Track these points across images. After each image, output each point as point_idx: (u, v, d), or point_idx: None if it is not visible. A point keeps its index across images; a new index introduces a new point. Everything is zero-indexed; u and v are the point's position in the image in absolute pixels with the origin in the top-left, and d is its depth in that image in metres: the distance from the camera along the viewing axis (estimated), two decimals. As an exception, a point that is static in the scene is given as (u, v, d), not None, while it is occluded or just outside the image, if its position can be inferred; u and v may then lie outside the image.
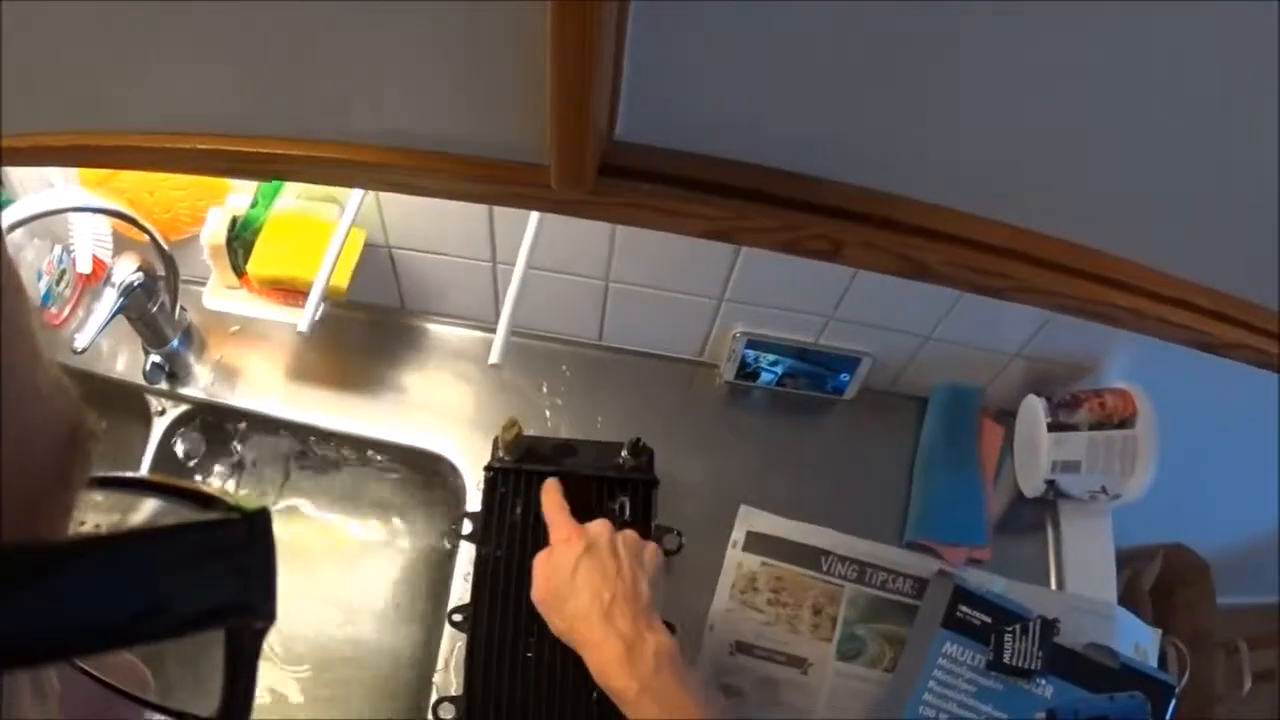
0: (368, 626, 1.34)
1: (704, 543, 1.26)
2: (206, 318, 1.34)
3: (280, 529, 0.38)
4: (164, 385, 1.32)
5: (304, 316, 1.09)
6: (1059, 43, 0.53)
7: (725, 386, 1.39)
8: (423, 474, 1.38)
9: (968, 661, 1.15)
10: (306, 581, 1.36)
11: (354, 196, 1.12)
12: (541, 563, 1.10)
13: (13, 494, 0.28)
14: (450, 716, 1.14)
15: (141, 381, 1.32)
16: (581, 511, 1.17)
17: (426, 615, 1.33)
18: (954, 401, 1.36)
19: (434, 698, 1.15)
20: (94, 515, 0.36)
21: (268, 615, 0.33)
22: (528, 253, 1.06)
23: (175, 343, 1.28)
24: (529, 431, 1.27)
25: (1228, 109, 0.56)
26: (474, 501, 1.26)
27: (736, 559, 1.26)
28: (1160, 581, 1.61)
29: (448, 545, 1.33)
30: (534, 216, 1.08)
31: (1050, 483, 1.25)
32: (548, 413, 1.36)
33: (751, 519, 1.28)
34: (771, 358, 1.34)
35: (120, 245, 1.29)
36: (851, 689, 1.20)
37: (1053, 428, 1.25)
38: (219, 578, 0.32)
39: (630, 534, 1.10)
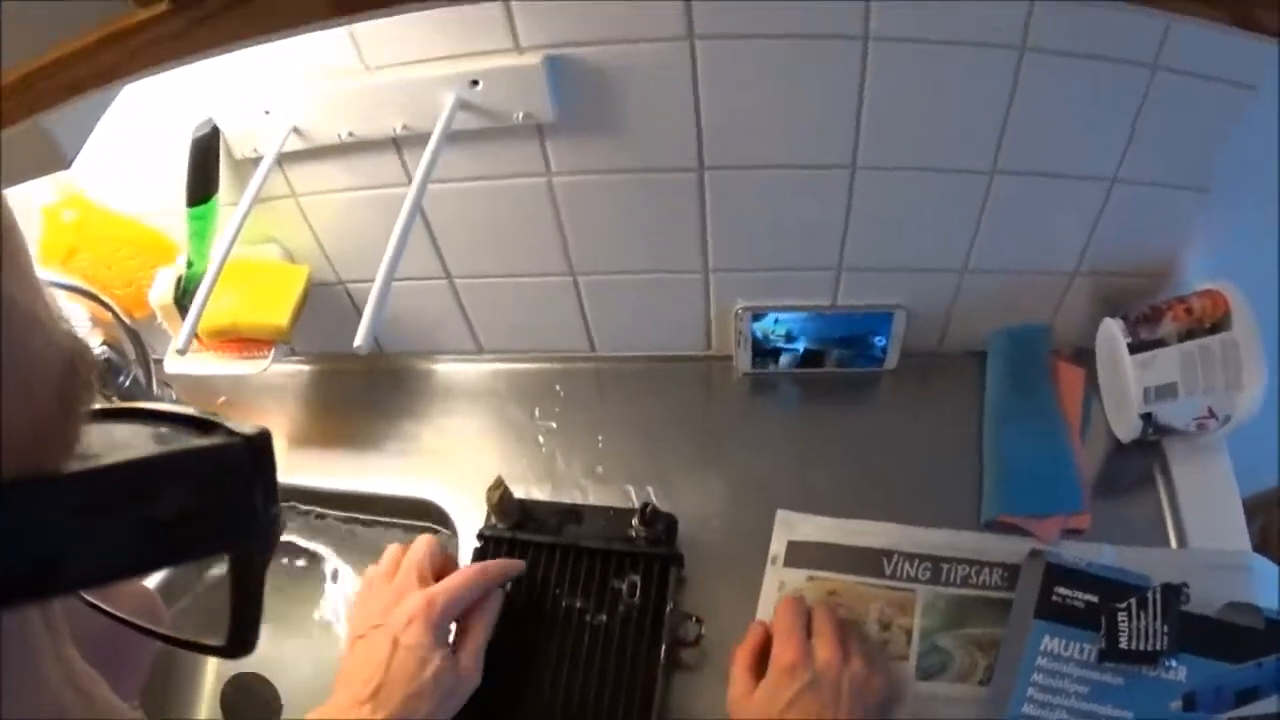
0: None
1: (739, 570, 1.02)
2: (194, 392, 1.23)
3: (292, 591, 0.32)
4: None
5: (179, 337, 0.90)
6: None
7: (746, 380, 1.16)
8: (428, 525, 1.18)
9: (1074, 655, 0.87)
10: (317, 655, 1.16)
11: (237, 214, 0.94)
12: (762, 694, 0.89)
13: (17, 422, 0.28)
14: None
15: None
16: (583, 590, 0.99)
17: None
18: (1017, 346, 1.10)
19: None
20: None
21: (271, 539, 0.33)
22: (412, 200, 0.85)
23: (161, 422, 1.16)
24: (522, 469, 1.10)
25: None
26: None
27: (778, 578, 1.01)
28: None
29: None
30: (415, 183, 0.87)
31: (1147, 417, 0.97)
32: (540, 439, 1.16)
33: (792, 526, 1.03)
34: (786, 329, 1.10)
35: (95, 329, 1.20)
36: (940, 713, 0.92)
37: (1135, 348, 0.97)
38: (221, 502, 0.32)
39: (858, 666, 0.89)
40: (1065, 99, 0.88)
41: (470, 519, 1.07)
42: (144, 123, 0.97)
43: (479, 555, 1.02)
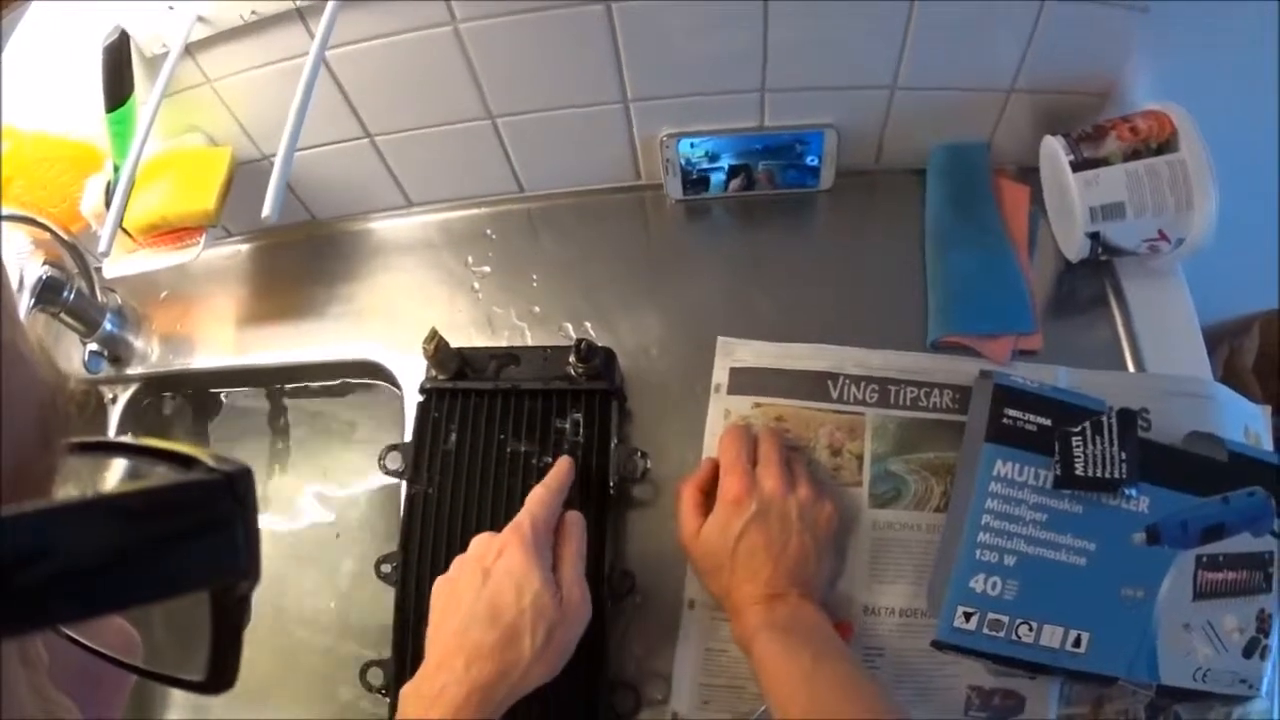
0: (335, 576, 1.06)
1: (684, 401, 0.94)
2: (137, 291, 1.15)
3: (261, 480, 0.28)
4: (107, 371, 1.13)
5: (101, 240, 0.88)
6: None
7: (679, 208, 1.05)
8: (378, 387, 1.11)
9: (1029, 481, 0.80)
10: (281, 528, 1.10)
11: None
12: (710, 529, 0.83)
13: None
14: (380, 683, 0.85)
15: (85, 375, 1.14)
16: (527, 433, 0.91)
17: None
18: (957, 163, 0.99)
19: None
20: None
21: (251, 576, 0.31)
22: (311, 64, 0.77)
23: (109, 326, 1.11)
24: (461, 317, 1.03)
25: None
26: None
27: (723, 406, 0.92)
28: (1263, 355, 1.23)
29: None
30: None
31: (1094, 236, 0.88)
32: (476, 285, 1.05)
33: (733, 352, 0.94)
34: (711, 152, 0.99)
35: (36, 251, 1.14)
36: (899, 541, 0.86)
37: (1078, 166, 0.87)
38: (201, 539, 0.29)
39: (805, 494, 0.83)
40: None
41: (414, 374, 0.97)
42: (57, 44, 0.95)
43: (422, 409, 0.92)
